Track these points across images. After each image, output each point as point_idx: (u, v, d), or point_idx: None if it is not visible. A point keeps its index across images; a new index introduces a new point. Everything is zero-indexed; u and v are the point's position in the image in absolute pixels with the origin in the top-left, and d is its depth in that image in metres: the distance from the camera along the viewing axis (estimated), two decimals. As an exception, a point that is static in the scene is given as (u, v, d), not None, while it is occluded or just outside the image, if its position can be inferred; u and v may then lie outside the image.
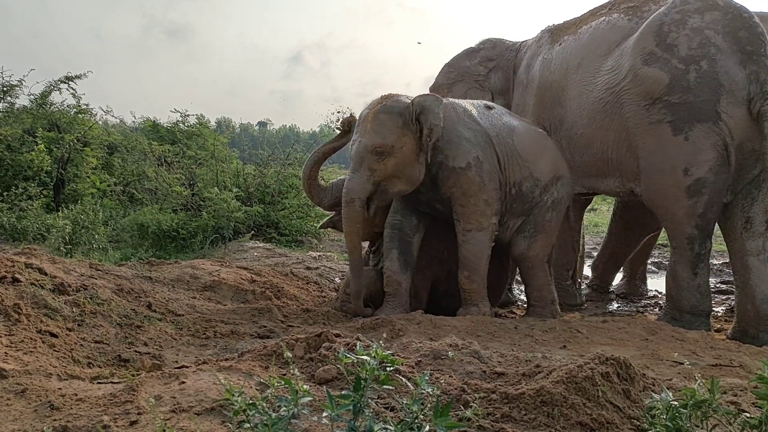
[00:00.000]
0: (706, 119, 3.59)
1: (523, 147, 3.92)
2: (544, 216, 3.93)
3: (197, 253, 6.04)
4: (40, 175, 6.94)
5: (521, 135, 3.96)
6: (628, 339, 3.36)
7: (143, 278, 3.33)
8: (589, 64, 4.12)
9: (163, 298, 3.10)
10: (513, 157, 3.87)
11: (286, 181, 7.40)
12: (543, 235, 3.94)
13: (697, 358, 3.13)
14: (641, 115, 3.77)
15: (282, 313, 3.31)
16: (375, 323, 3.20)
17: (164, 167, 7.51)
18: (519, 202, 3.89)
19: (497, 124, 3.95)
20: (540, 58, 4.64)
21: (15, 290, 2.38)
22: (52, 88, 7.80)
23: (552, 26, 4.84)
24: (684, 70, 3.63)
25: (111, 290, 2.91)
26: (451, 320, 3.40)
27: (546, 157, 3.99)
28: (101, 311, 2.54)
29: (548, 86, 4.46)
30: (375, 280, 3.77)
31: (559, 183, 3.99)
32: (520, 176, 3.88)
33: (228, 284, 3.55)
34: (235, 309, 3.23)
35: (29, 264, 2.76)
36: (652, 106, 3.73)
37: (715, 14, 3.68)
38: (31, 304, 2.32)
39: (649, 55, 3.73)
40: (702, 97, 3.59)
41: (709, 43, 3.61)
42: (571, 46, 4.32)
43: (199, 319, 2.95)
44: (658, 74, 3.68)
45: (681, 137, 3.65)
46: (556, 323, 3.53)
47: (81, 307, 2.50)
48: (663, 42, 3.70)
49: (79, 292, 2.65)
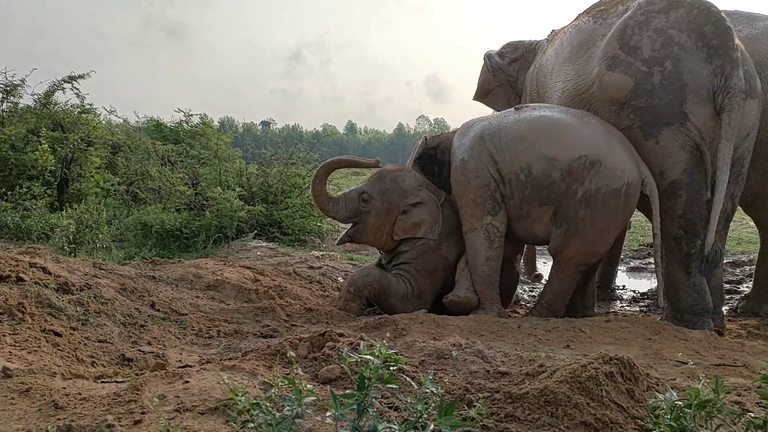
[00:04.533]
0: (673, 121, 3.59)
1: (532, 130, 3.72)
2: (576, 213, 3.60)
3: (200, 253, 6.05)
4: (44, 175, 6.96)
5: (535, 120, 3.77)
6: (631, 338, 3.35)
7: (147, 277, 3.34)
8: (559, 70, 4.10)
9: (166, 297, 3.11)
10: (516, 143, 3.72)
11: (289, 180, 7.40)
12: (577, 237, 3.64)
13: (701, 358, 3.11)
14: (612, 120, 3.75)
15: (285, 313, 3.32)
16: (378, 322, 3.20)
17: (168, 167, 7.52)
18: (533, 188, 3.68)
19: (506, 121, 3.85)
20: (535, 63, 4.68)
21: (19, 289, 2.39)
22: (55, 88, 7.82)
23: (554, 30, 4.81)
24: (648, 72, 3.61)
25: (115, 289, 2.91)
26: (455, 320, 3.40)
27: (565, 136, 3.65)
28: (105, 310, 2.55)
29: (536, 91, 4.50)
30: (379, 279, 3.76)
31: (592, 170, 3.56)
32: (528, 160, 3.68)
33: (231, 283, 3.55)
34: (239, 308, 3.24)
35: (33, 263, 2.77)
36: (621, 111, 3.72)
37: (680, 12, 3.65)
38: (35, 304, 2.32)
39: (613, 59, 3.70)
40: (667, 99, 3.58)
41: (673, 42, 3.59)
42: (550, 53, 4.32)
43: (203, 319, 2.96)
44: (622, 79, 3.66)
45: (652, 141, 3.66)
46: (559, 323, 3.52)
47: (85, 307, 2.50)
48: (626, 45, 3.67)
49: (83, 292, 2.66)
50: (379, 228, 3.88)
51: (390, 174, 3.97)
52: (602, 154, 3.58)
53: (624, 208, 3.66)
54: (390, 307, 3.78)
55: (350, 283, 3.77)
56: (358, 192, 3.92)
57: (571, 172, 3.59)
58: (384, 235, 3.89)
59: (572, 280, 3.85)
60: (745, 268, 6.74)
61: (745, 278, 6.27)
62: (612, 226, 3.70)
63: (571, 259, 3.76)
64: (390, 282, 3.78)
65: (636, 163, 3.67)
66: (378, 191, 3.89)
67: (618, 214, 3.66)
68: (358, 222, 3.90)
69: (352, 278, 3.80)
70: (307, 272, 5.14)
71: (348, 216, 3.91)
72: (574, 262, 3.77)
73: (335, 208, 3.93)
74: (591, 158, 3.57)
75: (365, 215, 3.88)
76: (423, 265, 3.89)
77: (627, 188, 3.61)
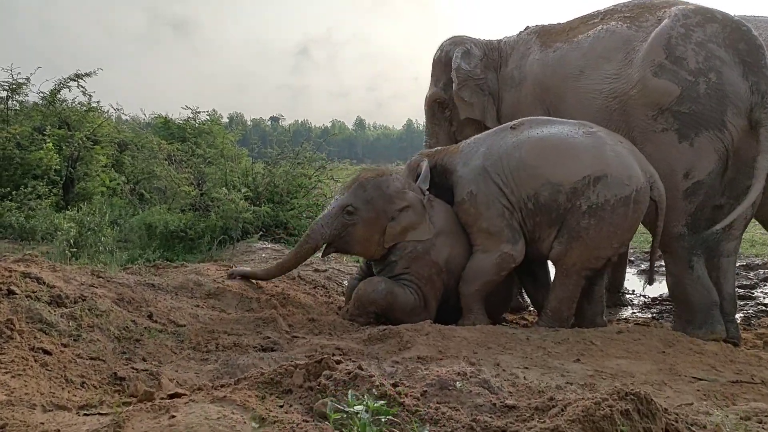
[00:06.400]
0: (713, 127, 3.75)
1: (533, 156, 3.73)
2: (579, 222, 3.61)
3: (205, 255, 5.99)
4: (49, 174, 6.91)
5: (533, 144, 3.76)
6: (644, 351, 3.24)
7: (146, 286, 3.26)
8: (592, 72, 4.13)
9: (165, 307, 3.03)
10: (519, 171, 3.75)
11: (295, 180, 7.31)
12: (579, 243, 3.63)
13: (717, 374, 3.00)
14: (648, 123, 3.89)
15: (287, 323, 3.23)
16: (382, 334, 3.11)
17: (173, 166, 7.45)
18: (543, 214, 3.72)
19: (505, 145, 3.84)
20: (530, 60, 4.57)
21: (9, 303, 2.31)
22: (61, 86, 7.77)
23: (536, 27, 4.78)
24: (694, 82, 3.76)
25: (111, 300, 2.84)
26: (461, 331, 3.30)
27: (568, 158, 3.67)
28: (99, 324, 2.47)
29: (546, 89, 4.42)
30: (385, 294, 3.66)
31: (598, 184, 3.58)
32: (534, 187, 3.71)
33: (233, 291, 3.47)
34: (239, 318, 3.16)
35: (27, 273, 2.69)
36: (660, 116, 3.84)
37: (714, 27, 3.84)
38: (25, 319, 2.24)
39: (660, 67, 3.83)
40: (710, 107, 3.74)
41: (714, 56, 3.77)
42: (569, 54, 4.30)
43: (202, 330, 2.88)
44: (669, 86, 3.79)
45: (686, 143, 3.80)
46: (569, 334, 3.42)
47: (78, 321, 2.42)
48: (672, 55, 3.82)
49: (77, 304, 2.58)
50: (367, 238, 3.77)
51: (372, 181, 3.82)
52: (606, 167, 3.62)
53: (633, 214, 3.66)
54: (397, 320, 3.66)
55: (356, 297, 3.66)
56: (340, 206, 3.75)
57: (575, 192, 3.64)
58: (373, 244, 3.78)
59: (577, 286, 3.78)
60: (759, 271, 6.59)
61: (759, 282, 6.13)
62: (619, 232, 3.68)
63: (574, 265, 3.72)
64: (397, 295, 3.69)
65: (643, 168, 3.70)
66: (362, 201, 3.75)
67: (626, 220, 3.66)
68: (344, 235, 3.77)
69: (358, 293, 3.68)
70: (312, 276, 5.06)
71: (335, 236, 3.77)
72: (577, 268, 3.73)
73: (317, 236, 3.77)
74: (595, 175, 3.61)
75: (351, 227, 3.75)
76: (421, 273, 3.80)
77: (636, 195, 3.63)
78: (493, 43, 4.96)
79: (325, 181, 7.84)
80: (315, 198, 7.60)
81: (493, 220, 3.79)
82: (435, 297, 3.84)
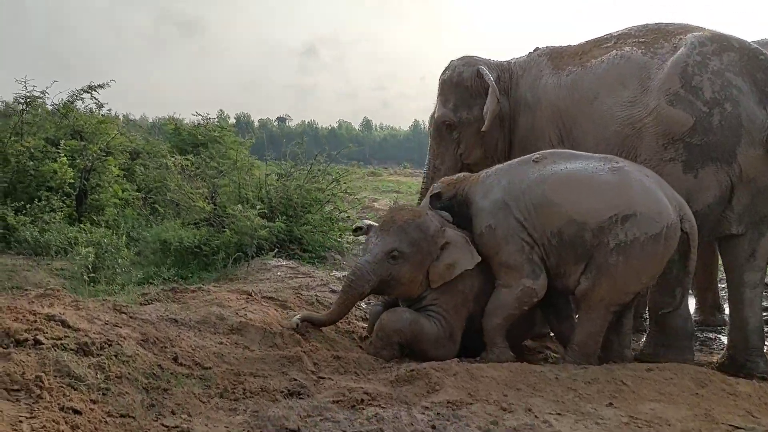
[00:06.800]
0: (721, 159, 3.73)
1: (557, 192, 3.64)
2: (606, 259, 3.50)
3: (220, 272, 5.93)
4: (63, 187, 6.87)
5: (557, 180, 3.67)
6: (677, 393, 3.17)
7: (168, 321, 3.21)
8: (606, 97, 4.08)
9: (189, 346, 2.97)
10: (542, 208, 3.66)
11: (310, 195, 7.24)
12: (607, 279, 3.54)
13: (755, 420, 2.94)
14: (656, 152, 3.86)
15: (312, 361, 3.18)
16: (410, 375, 3.05)
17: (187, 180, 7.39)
18: (568, 250, 3.63)
19: (527, 180, 3.75)
20: (543, 83, 4.51)
21: (37, 356, 2.26)
22: (75, 98, 7.73)
23: (546, 49, 4.71)
24: (708, 113, 3.71)
25: (136, 341, 2.78)
26: (489, 370, 3.23)
27: (593, 196, 3.57)
28: (126, 374, 2.41)
29: (559, 114, 4.37)
30: (410, 323, 3.60)
31: (627, 223, 3.46)
32: (558, 225, 3.62)
33: (255, 326, 3.41)
34: (264, 357, 3.10)
35: (52, 316, 2.64)
36: (670, 146, 3.81)
37: (732, 55, 3.79)
38: (53, 373, 2.19)
39: (675, 96, 3.78)
40: (722, 139, 3.70)
41: (731, 85, 3.72)
42: (583, 78, 4.25)
43: (228, 373, 2.82)
44: (683, 116, 3.74)
45: (690, 175, 3.79)
46: (599, 373, 3.34)
47: (105, 371, 2.37)
48: (688, 84, 3.76)
49: (103, 350, 2.52)
50: (412, 280, 3.70)
51: (412, 223, 3.73)
52: (635, 205, 3.50)
53: (663, 250, 3.57)
54: (422, 351, 3.62)
55: (380, 328, 3.60)
56: (384, 251, 3.65)
57: (602, 230, 3.53)
58: (417, 285, 3.73)
59: (604, 321, 3.69)
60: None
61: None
62: (648, 268, 3.60)
63: (601, 300, 3.64)
64: (422, 326, 3.62)
65: (673, 201, 3.60)
66: (407, 244, 3.66)
67: (656, 257, 3.57)
68: (389, 279, 3.67)
69: (381, 324, 3.62)
70: (329, 298, 4.98)
71: (379, 281, 3.66)
72: (605, 303, 3.65)
73: (362, 283, 3.64)
74: (623, 213, 3.50)
75: (396, 271, 3.66)
76: (448, 303, 3.76)
77: (666, 231, 3.52)
78: (504, 65, 4.87)
79: (339, 195, 7.77)
80: (329, 213, 7.53)
81: (512, 255, 3.71)
82: (460, 327, 3.78)
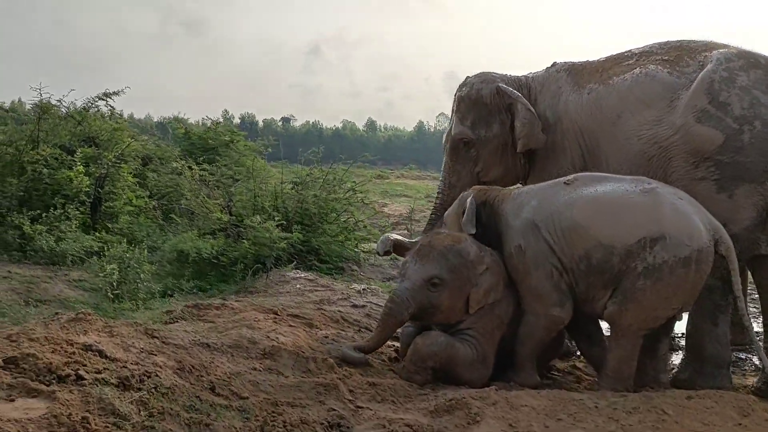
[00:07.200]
0: (753, 180, 3.65)
1: (584, 216, 3.57)
2: (634, 284, 3.43)
3: (239, 284, 5.88)
4: (79, 196, 6.82)
5: (585, 203, 3.60)
6: (720, 423, 3.10)
7: (201, 346, 3.15)
8: (630, 116, 4.01)
9: (224, 374, 2.91)
10: (570, 231, 3.59)
11: (327, 205, 7.18)
12: (636, 304, 3.46)
13: (802, 453, 2.88)
14: (687, 171, 3.79)
15: (347, 388, 3.12)
16: (449, 405, 3.00)
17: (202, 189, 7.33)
18: (596, 275, 3.56)
19: (557, 202, 3.68)
20: (564, 99, 4.42)
21: (81, 394, 2.20)
22: (90, 105, 7.68)
23: (565, 65, 4.62)
24: (738, 130, 3.64)
25: (172, 370, 2.73)
26: (528, 399, 3.17)
27: (622, 218, 3.49)
28: (169, 409, 2.35)
29: (581, 133, 4.29)
30: (445, 347, 3.54)
31: (656, 246, 3.37)
32: (585, 249, 3.54)
33: (287, 350, 3.35)
34: (299, 384, 3.04)
35: (88, 346, 2.59)
36: (701, 164, 3.74)
37: (758, 72, 3.74)
38: (98, 412, 2.13)
39: (703, 112, 3.71)
40: (752, 158, 3.63)
41: (759, 103, 3.66)
42: (605, 97, 4.17)
43: (265, 403, 2.76)
44: (712, 133, 3.68)
45: (725, 195, 3.70)
46: (639, 401, 3.27)
47: (148, 408, 2.31)
48: (716, 100, 3.69)
49: (143, 383, 2.47)
50: (451, 307, 3.64)
51: (452, 249, 3.67)
52: (665, 228, 3.41)
53: (695, 275, 3.47)
54: (456, 375, 3.57)
55: (414, 352, 3.54)
56: (423, 278, 3.58)
57: (630, 254, 3.44)
58: (456, 312, 3.67)
59: (635, 345, 3.62)
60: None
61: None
62: (678, 293, 3.51)
63: (630, 326, 3.57)
64: (457, 350, 3.57)
65: (707, 224, 3.50)
66: (447, 271, 3.60)
67: (687, 281, 3.47)
68: (428, 306, 3.60)
69: (415, 347, 3.56)
70: (352, 314, 4.95)
71: (418, 309, 3.59)
72: (633, 329, 3.58)
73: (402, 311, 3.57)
74: (652, 236, 3.40)
75: (435, 299, 3.60)
76: (485, 327, 3.71)
77: (698, 255, 3.42)
78: (521, 80, 4.78)
79: (355, 204, 7.70)
80: (345, 222, 7.47)
81: (541, 281, 3.66)
82: (493, 352, 3.73)
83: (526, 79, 4.79)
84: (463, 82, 4.92)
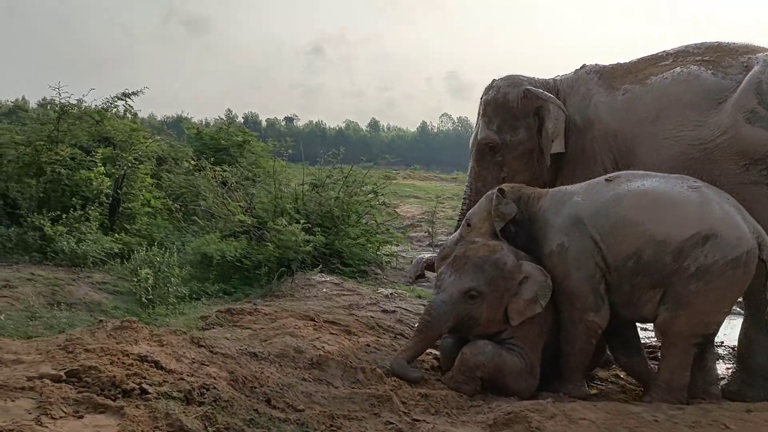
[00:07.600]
0: None
1: (635, 210, 3.45)
2: (686, 287, 3.32)
3: (265, 288, 5.79)
4: (99, 197, 6.73)
5: (634, 198, 3.49)
6: (783, 437, 3.02)
7: (249, 356, 3.06)
8: (670, 116, 3.89)
9: (276, 385, 2.83)
10: (620, 228, 3.47)
11: (349, 208, 7.08)
12: (688, 311, 3.36)
13: None
14: (737, 174, 3.68)
15: (400, 399, 3.04)
16: (508, 418, 2.90)
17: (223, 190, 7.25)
18: (644, 274, 3.43)
19: (603, 198, 3.56)
20: (595, 102, 4.29)
21: (147, 410, 2.12)
22: (109, 106, 7.59)
23: (595, 67, 4.50)
24: None
25: (226, 381, 2.64)
26: (586, 412, 3.08)
27: (674, 214, 3.38)
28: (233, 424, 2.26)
29: (614, 135, 4.15)
30: (492, 357, 3.45)
31: (707, 244, 3.27)
32: (636, 245, 3.42)
33: (335, 360, 3.26)
34: (352, 395, 2.96)
35: (143, 357, 2.50)
36: (752, 166, 3.64)
37: None
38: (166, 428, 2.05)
39: (752, 113, 3.61)
40: None
41: None
42: (642, 97, 4.05)
43: (322, 416, 2.67)
44: (763, 134, 3.58)
45: None
46: (697, 414, 3.18)
47: (214, 423, 2.23)
48: (765, 101, 3.60)
49: (203, 396, 2.39)
50: (490, 318, 3.52)
51: (488, 259, 3.53)
52: (717, 226, 3.32)
53: (743, 277, 3.38)
54: (504, 386, 3.48)
55: (462, 362, 3.44)
56: (461, 291, 3.46)
57: (683, 252, 3.33)
58: (496, 323, 3.55)
59: (688, 354, 3.51)
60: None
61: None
62: (728, 296, 3.43)
63: (681, 333, 3.46)
64: (505, 359, 3.47)
65: (751, 227, 3.40)
66: (485, 282, 3.47)
67: (735, 284, 3.39)
68: (466, 319, 3.49)
69: (463, 357, 3.46)
70: (385, 320, 4.86)
71: (456, 322, 3.49)
72: (686, 336, 3.47)
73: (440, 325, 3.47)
74: (704, 233, 3.30)
75: (474, 311, 3.48)
76: (527, 336, 3.60)
77: (746, 257, 3.33)
78: (549, 83, 4.64)
79: (377, 207, 7.62)
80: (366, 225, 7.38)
81: (580, 283, 3.54)
82: (538, 361, 3.63)
83: (555, 81, 4.65)
84: (490, 84, 4.78)
